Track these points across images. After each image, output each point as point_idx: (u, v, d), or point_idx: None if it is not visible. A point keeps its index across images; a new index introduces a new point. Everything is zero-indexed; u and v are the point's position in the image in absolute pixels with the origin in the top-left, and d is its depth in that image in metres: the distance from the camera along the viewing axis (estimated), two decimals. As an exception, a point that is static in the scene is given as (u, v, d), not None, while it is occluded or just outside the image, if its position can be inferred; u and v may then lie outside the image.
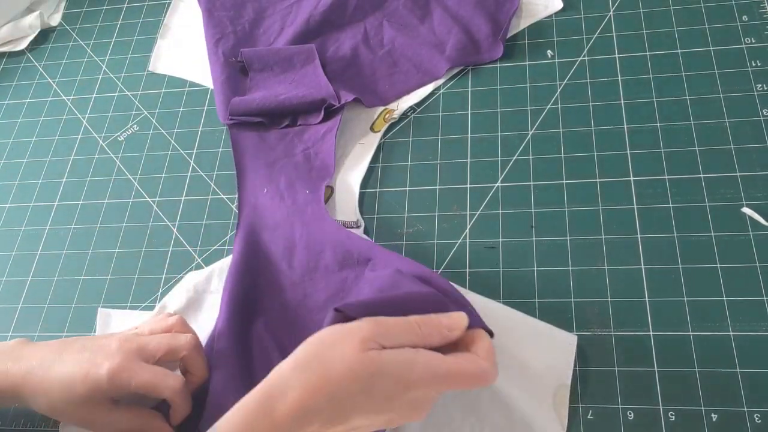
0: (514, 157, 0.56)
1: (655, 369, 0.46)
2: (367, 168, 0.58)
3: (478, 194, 0.55)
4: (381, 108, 0.62)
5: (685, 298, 0.48)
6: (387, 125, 0.60)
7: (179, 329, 0.47)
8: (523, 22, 0.63)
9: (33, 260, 0.60)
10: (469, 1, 0.65)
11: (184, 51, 0.71)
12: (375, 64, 0.64)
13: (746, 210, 0.50)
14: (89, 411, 0.43)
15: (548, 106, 0.58)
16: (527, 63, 0.61)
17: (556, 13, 0.63)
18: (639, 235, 0.51)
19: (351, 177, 0.58)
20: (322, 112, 0.60)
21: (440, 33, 0.64)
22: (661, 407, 0.44)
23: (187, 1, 0.75)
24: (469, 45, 0.62)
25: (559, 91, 0.59)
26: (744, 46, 0.57)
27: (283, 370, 0.37)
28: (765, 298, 0.47)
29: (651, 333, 0.47)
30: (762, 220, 0.49)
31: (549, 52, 0.61)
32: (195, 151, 0.64)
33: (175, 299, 0.55)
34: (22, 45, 0.76)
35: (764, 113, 0.54)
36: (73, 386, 0.42)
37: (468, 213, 0.55)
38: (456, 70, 0.62)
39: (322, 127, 0.60)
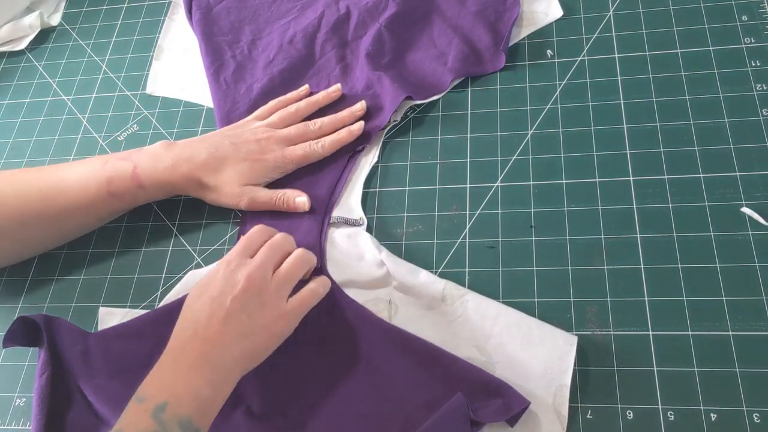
0: (514, 157, 0.56)
1: (655, 369, 0.46)
2: (371, 167, 0.58)
3: (477, 194, 0.55)
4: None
5: (685, 298, 0.48)
6: (390, 125, 0.60)
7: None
8: (523, 31, 0.63)
9: (33, 260, 0.60)
10: (469, 12, 0.64)
11: (179, 72, 0.70)
12: (380, 80, 0.62)
13: (746, 210, 0.50)
14: (245, 189, 0.55)
15: (548, 106, 0.58)
16: (527, 63, 0.61)
17: (556, 13, 0.63)
18: (639, 235, 0.51)
19: (354, 175, 0.59)
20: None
21: (441, 45, 0.63)
22: (660, 407, 0.44)
23: (178, 21, 0.74)
24: (471, 55, 0.62)
25: (558, 91, 0.59)
26: (744, 46, 0.57)
27: None
28: (765, 298, 0.47)
29: (650, 333, 0.47)
30: (762, 220, 0.49)
31: (549, 52, 0.61)
32: (195, 151, 0.64)
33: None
34: (22, 45, 0.76)
35: (764, 113, 0.54)
36: (241, 176, 0.55)
37: (468, 213, 0.55)
38: (456, 70, 0.62)
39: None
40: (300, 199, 0.56)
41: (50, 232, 0.57)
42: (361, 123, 0.58)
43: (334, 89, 0.61)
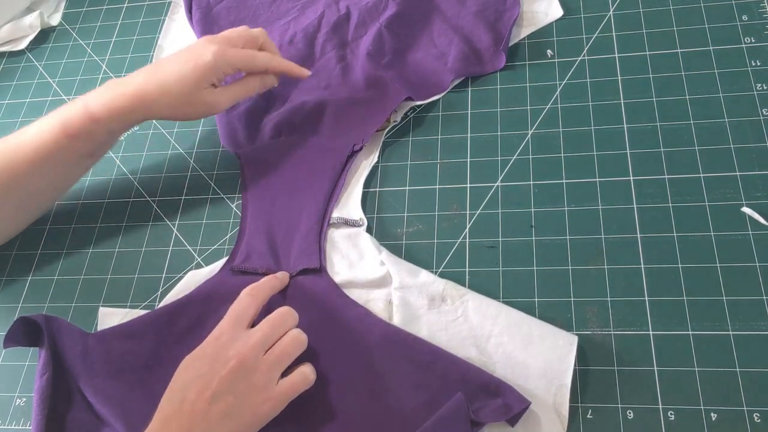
0: (514, 157, 0.56)
1: (655, 368, 0.46)
2: (371, 167, 0.58)
3: (478, 194, 0.55)
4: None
5: (685, 298, 0.48)
6: (390, 125, 0.60)
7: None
8: (524, 31, 0.63)
9: (33, 260, 0.60)
10: (469, 12, 0.64)
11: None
12: (381, 81, 0.62)
13: (746, 210, 0.50)
14: (202, 94, 0.55)
15: (548, 106, 0.58)
16: (527, 62, 0.61)
17: (556, 13, 0.63)
18: (639, 235, 0.51)
19: (354, 176, 0.58)
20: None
21: (441, 44, 0.63)
22: (660, 407, 0.44)
23: (178, 21, 0.74)
24: (471, 55, 0.62)
25: (559, 90, 0.59)
26: (744, 45, 0.57)
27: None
28: (765, 297, 0.47)
29: (651, 332, 0.47)
30: (762, 220, 0.49)
31: (549, 52, 0.61)
32: (195, 150, 0.64)
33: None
34: (22, 45, 0.76)
35: (764, 113, 0.54)
36: (185, 77, 0.54)
37: (468, 213, 0.55)
38: (456, 70, 0.62)
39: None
40: (270, 79, 0.59)
41: (19, 192, 0.55)
42: (301, 71, 0.60)
43: (303, 70, 0.61)
